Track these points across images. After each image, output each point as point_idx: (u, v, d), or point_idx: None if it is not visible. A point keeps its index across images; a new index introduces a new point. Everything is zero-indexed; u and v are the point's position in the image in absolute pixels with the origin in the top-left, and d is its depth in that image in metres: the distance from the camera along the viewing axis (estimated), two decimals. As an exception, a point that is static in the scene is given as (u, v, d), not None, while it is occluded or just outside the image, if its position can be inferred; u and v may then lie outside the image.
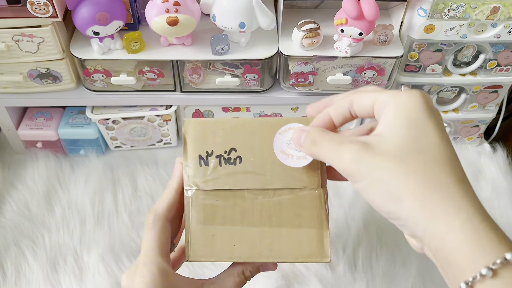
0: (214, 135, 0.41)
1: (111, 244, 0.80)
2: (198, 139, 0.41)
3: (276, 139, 0.40)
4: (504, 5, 0.73)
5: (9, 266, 0.76)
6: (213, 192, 0.40)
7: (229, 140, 0.40)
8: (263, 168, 0.40)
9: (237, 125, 0.40)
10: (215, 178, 0.40)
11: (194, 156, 0.41)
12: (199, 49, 0.78)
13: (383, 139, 0.31)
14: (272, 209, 0.40)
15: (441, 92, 0.90)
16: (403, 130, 0.31)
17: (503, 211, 0.88)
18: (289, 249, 0.39)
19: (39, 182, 0.88)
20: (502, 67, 0.85)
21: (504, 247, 0.28)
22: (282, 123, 0.40)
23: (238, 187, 0.40)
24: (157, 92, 0.84)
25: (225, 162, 0.40)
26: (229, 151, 0.40)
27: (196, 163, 0.40)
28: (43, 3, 0.67)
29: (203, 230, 0.40)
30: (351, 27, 0.71)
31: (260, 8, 0.71)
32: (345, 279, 0.77)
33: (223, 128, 0.41)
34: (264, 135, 0.40)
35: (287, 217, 0.40)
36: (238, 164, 0.40)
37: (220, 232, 0.40)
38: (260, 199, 0.40)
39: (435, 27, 0.76)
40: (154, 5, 0.69)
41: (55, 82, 0.81)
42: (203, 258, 0.40)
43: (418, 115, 0.31)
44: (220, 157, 0.40)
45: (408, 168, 0.30)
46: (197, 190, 0.40)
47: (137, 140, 0.94)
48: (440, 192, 0.29)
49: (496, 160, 0.96)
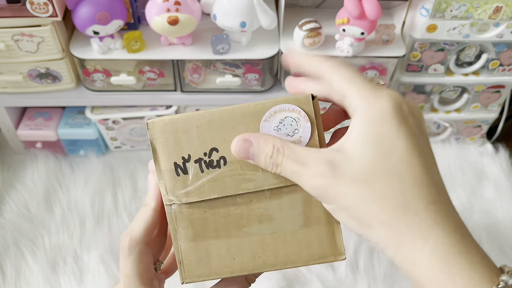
0: (188, 136, 0.34)
1: (111, 245, 0.79)
2: (169, 143, 0.34)
3: (262, 128, 0.34)
4: (506, 4, 0.73)
5: (8, 267, 0.76)
6: (199, 204, 0.34)
7: (208, 139, 0.34)
8: (253, 166, 0.34)
9: (214, 120, 0.34)
10: (198, 188, 0.34)
11: (169, 164, 0.34)
12: (200, 48, 0.77)
13: (349, 159, 0.29)
14: (271, 212, 0.35)
15: (444, 92, 0.90)
16: (370, 150, 0.29)
17: (506, 211, 0.87)
18: (297, 252, 0.35)
19: (39, 182, 0.88)
20: (505, 67, 0.85)
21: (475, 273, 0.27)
22: (266, 107, 0.34)
23: (228, 193, 0.34)
24: (157, 92, 0.83)
25: (207, 167, 0.34)
26: (210, 152, 0.34)
27: (172, 172, 0.34)
28: (42, 3, 0.67)
29: (194, 248, 0.35)
30: (353, 26, 0.71)
31: (261, 8, 0.71)
32: (346, 280, 0.77)
33: (197, 126, 0.34)
34: (247, 126, 0.34)
35: (290, 218, 0.35)
36: (223, 167, 0.34)
37: (215, 247, 0.35)
38: (255, 203, 0.35)
39: (437, 27, 0.76)
40: (154, 4, 0.69)
41: (55, 82, 0.81)
42: (200, 277, 0.35)
43: (387, 129, 0.29)
44: (200, 161, 0.34)
45: (376, 193, 0.28)
46: (180, 204, 0.34)
47: (137, 140, 0.94)
48: (408, 218, 0.28)
49: (499, 160, 0.96)
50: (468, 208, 0.89)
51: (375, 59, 0.78)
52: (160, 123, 0.34)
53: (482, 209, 0.88)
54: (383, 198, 0.28)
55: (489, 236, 0.83)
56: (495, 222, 0.86)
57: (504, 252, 0.82)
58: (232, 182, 0.34)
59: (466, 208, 0.89)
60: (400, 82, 0.85)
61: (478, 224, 0.85)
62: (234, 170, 0.34)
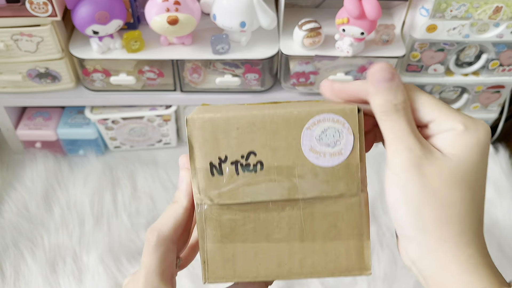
0: (227, 136, 0.33)
1: (110, 245, 0.79)
2: (207, 142, 0.34)
3: (303, 136, 0.33)
4: (506, 4, 0.73)
5: (8, 267, 0.76)
6: (231, 206, 0.34)
7: (247, 142, 0.33)
8: (290, 174, 0.34)
9: (255, 122, 0.33)
10: (232, 190, 0.34)
11: (204, 163, 0.34)
12: (200, 48, 0.77)
13: (451, 160, 0.29)
14: (303, 222, 0.34)
15: (443, 92, 0.90)
16: (471, 163, 0.29)
17: (506, 211, 0.87)
18: (324, 263, 0.34)
19: (38, 182, 0.87)
20: (505, 67, 0.85)
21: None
22: (310, 115, 0.33)
23: (261, 199, 0.34)
24: (157, 92, 0.83)
25: (243, 170, 0.34)
26: (247, 155, 0.34)
27: (207, 172, 0.34)
28: (42, 2, 0.67)
29: (221, 250, 0.34)
30: (353, 26, 0.71)
31: (261, 7, 0.71)
32: (346, 280, 0.77)
33: (237, 127, 0.33)
34: (289, 133, 0.33)
35: (321, 229, 0.34)
36: (259, 171, 0.34)
37: (241, 251, 0.34)
38: (287, 211, 0.34)
39: (437, 27, 0.75)
40: (154, 4, 0.69)
41: (54, 81, 0.80)
42: (223, 279, 0.34)
43: (480, 158, 0.29)
44: (237, 163, 0.34)
45: (457, 208, 0.28)
46: (211, 205, 0.34)
47: (136, 140, 0.94)
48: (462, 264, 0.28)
49: (499, 160, 0.96)
50: (467, 208, 0.89)
51: (375, 59, 0.78)
52: (200, 121, 0.33)
53: (481, 209, 0.88)
54: (460, 221, 0.29)
55: (488, 236, 0.83)
56: (495, 222, 0.86)
57: (504, 252, 0.82)
58: (266, 188, 0.34)
59: (466, 208, 0.89)
60: (400, 82, 0.85)
61: (478, 224, 0.85)
62: (270, 175, 0.34)
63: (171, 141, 0.96)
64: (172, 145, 0.97)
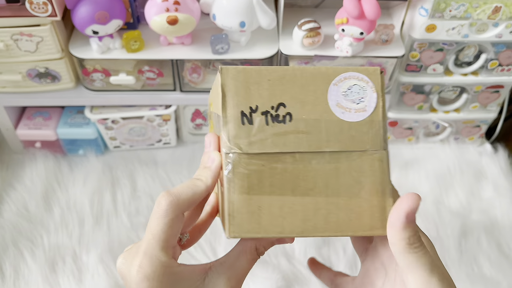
0: (258, 87, 0.35)
1: (110, 244, 0.79)
2: (239, 91, 0.34)
3: (330, 91, 0.35)
4: (505, 4, 0.73)
5: (7, 267, 0.76)
6: (259, 156, 0.34)
7: (277, 94, 0.35)
8: (317, 127, 0.35)
9: (285, 76, 0.35)
10: (261, 139, 0.34)
11: (235, 112, 0.34)
12: (199, 48, 0.77)
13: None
14: (328, 176, 0.35)
15: (443, 92, 0.90)
16: None
17: (504, 211, 0.87)
18: (348, 220, 0.35)
19: (38, 182, 0.87)
20: (504, 67, 0.85)
21: None
22: (337, 72, 0.35)
23: (289, 149, 0.34)
24: (156, 91, 0.83)
25: (273, 120, 0.34)
26: (277, 106, 0.34)
27: (238, 121, 0.34)
28: (42, 2, 0.67)
29: (248, 201, 0.34)
30: (352, 26, 0.71)
31: (260, 7, 0.71)
32: (345, 280, 0.77)
33: (269, 79, 0.35)
34: (317, 87, 0.35)
35: (346, 185, 0.35)
36: (288, 123, 0.34)
37: (267, 203, 0.34)
38: (314, 164, 0.35)
39: (436, 27, 0.76)
40: (153, 4, 0.69)
41: (54, 81, 0.80)
42: (248, 233, 0.34)
43: None
44: (267, 113, 0.34)
45: None
46: (240, 153, 0.34)
47: (136, 140, 0.94)
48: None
49: (498, 160, 0.96)
50: (467, 208, 0.89)
51: (374, 59, 0.78)
52: (234, 71, 0.35)
53: (481, 209, 0.88)
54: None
55: (487, 236, 0.83)
56: (494, 222, 0.86)
57: (503, 251, 0.82)
58: (294, 139, 0.35)
59: (465, 208, 0.89)
60: (399, 82, 0.86)
61: (477, 224, 0.86)
62: (299, 127, 0.35)
63: (171, 141, 0.96)
64: (172, 145, 0.97)
